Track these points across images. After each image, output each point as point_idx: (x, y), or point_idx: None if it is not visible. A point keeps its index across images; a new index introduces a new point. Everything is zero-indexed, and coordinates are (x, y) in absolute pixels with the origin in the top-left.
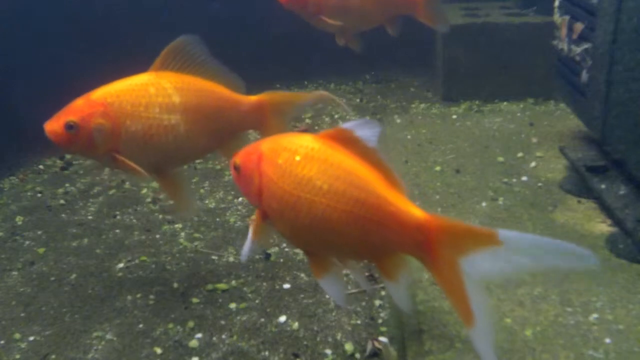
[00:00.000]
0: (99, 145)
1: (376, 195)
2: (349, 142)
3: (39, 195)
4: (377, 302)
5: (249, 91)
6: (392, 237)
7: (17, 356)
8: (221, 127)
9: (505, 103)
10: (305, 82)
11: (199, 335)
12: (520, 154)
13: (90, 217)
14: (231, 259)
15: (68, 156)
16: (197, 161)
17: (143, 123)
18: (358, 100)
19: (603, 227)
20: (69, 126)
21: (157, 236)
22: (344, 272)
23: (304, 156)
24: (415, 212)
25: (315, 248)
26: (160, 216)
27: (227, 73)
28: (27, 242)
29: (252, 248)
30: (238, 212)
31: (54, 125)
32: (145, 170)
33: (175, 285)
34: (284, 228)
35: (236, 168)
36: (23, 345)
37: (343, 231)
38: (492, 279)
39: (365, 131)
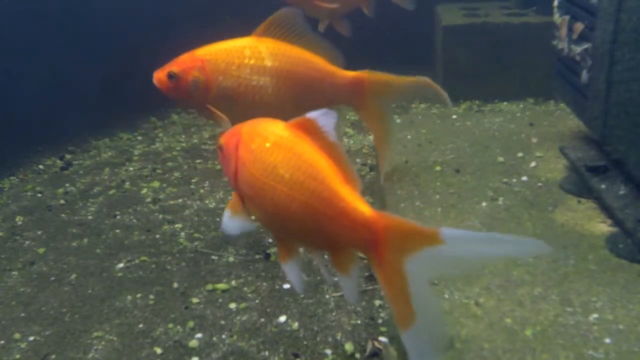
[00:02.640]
0: (194, 96)
1: (330, 189)
2: (312, 132)
3: (39, 195)
4: (377, 302)
5: None
6: (341, 232)
7: (17, 356)
8: (312, 96)
9: (505, 103)
10: None
11: (199, 335)
12: (520, 154)
13: (90, 217)
14: (231, 259)
15: (68, 156)
16: (197, 161)
17: (233, 81)
18: None
19: (603, 227)
20: (170, 76)
21: (157, 236)
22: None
23: (273, 143)
24: (364, 209)
25: (280, 234)
26: (161, 216)
27: (326, 46)
28: (27, 242)
29: (232, 225)
30: None
31: (159, 74)
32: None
33: (175, 285)
34: (255, 212)
35: (220, 148)
36: (23, 345)
37: (300, 221)
38: (437, 276)
39: (324, 121)
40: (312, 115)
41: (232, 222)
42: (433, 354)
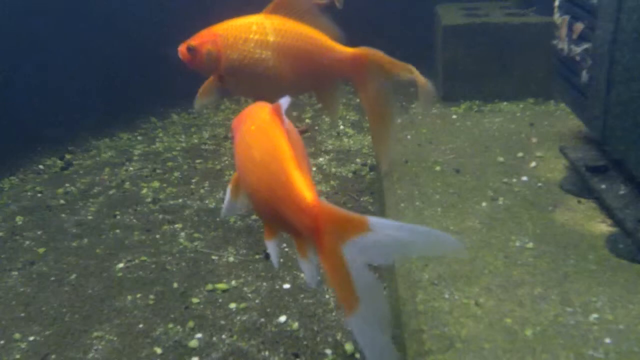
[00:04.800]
0: (208, 67)
1: (285, 172)
2: (280, 116)
3: (39, 195)
4: None
5: None
6: (292, 217)
7: (17, 356)
8: (313, 70)
9: (505, 103)
10: None
11: (199, 335)
12: (520, 154)
13: (90, 217)
14: (231, 259)
15: (68, 156)
16: (197, 161)
17: (239, 54)
18: (358, 100)
19: (603, 227)
20: (189, 48)
21: (157, 236)
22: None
23: (256, 127)
24: (307, 195)
25: (260, 214)
26: (160, 216)
27: (329, 25)
28: (27, 242)
29: (230, 207)
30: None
31: (182, 47)
32: (247, 96)
33: (175, 285)
34: (245, 194)
35: (231, 131)
36: (23, 345)
37: (266, 202)
38: (371, 263)
39: (285, 106)
40: (281, 100)
41: (229, 201)
42: (378, 338)
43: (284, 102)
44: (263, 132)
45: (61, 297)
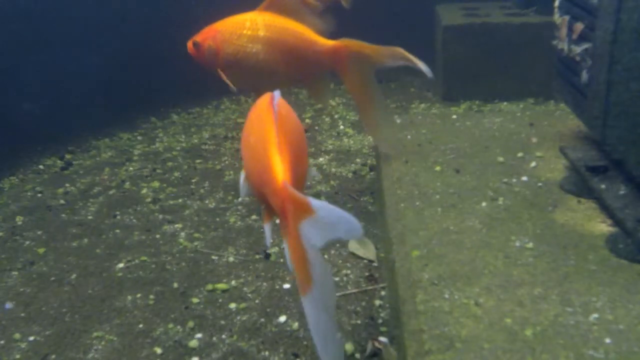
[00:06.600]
0: (210, 61)
1: (267, 157)
2: (271, 105)
3: (39, 195)
4: (377, 302)
5: None
6: (271, 198)
7: (17, 356)
8: (299, 62)
9: (505, 103)
10: None
11: (199, 335)
12: (520, 154)
13: (90, 217)
14: (231, 259)
15: (68, 156)
16: (197, 161)
17: (233, 48)
18: None
19: (603, 227)
20: (194, 44)
21: (157, 236)
22: (345, 272)
23: (256, 115)
24: (279, 178)
25: (257, 199)
26: (161, 216)
27: (316, 21)
28: (27, 242)
29: (244, 188)
30: (238, 212)
31: (190, 42)
32: (245, 87)
33: (175, 285)
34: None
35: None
36: (23, 345)
37: (257, 186)
38: (320, 243)
39: (276, 99)
40: (274, 93)
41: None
42: (324, 320)
43: (277, 93)
44: (260, 120)
45: (61, 297)
